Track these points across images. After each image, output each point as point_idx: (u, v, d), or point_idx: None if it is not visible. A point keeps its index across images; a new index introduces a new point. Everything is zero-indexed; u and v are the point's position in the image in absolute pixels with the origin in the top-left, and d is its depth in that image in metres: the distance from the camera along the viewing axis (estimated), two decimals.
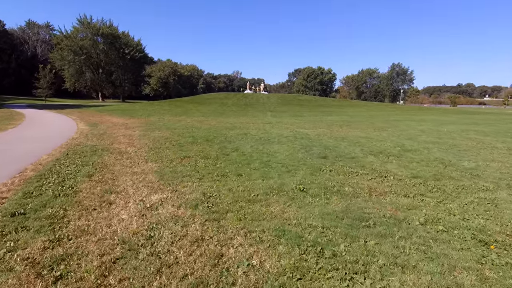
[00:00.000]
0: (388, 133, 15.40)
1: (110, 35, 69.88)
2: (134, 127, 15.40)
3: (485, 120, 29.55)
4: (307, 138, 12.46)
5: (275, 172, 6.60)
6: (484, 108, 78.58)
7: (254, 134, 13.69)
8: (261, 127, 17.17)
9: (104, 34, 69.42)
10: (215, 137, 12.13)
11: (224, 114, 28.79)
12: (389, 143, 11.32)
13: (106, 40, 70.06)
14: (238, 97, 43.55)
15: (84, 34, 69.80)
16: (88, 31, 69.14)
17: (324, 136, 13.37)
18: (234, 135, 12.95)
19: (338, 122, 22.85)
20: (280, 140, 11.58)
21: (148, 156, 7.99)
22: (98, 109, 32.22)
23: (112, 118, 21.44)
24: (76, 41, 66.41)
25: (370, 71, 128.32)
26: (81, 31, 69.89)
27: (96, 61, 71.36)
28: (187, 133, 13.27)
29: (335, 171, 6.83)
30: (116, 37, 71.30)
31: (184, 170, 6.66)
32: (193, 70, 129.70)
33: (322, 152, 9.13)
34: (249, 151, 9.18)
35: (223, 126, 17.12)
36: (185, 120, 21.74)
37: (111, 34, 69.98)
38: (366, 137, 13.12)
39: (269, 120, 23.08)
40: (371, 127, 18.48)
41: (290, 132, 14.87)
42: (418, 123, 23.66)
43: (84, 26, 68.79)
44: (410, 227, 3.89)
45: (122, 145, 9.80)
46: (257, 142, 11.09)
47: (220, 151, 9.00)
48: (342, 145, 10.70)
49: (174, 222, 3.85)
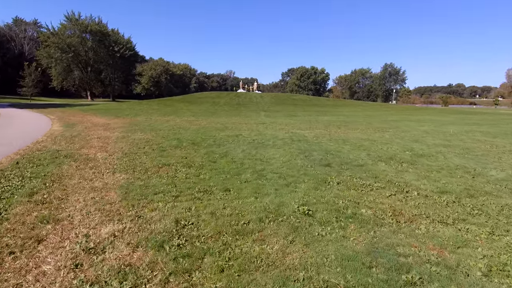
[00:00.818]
0: (390, 134, 14.26)
1: (99, 32, 67.73)
2: (115, 128, 13.98)
3: (483, 120, 28.71)
4: (305, 140, 11.22)
5: (271, 186, 5.32)
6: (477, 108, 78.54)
7: (247, 136, 12.41)
8: (255, 128, 15.90)
9: (92, 31, 67.20)
10: (203, 140, 10.82)
11: (216, 114, 27.44)
12: (396, 146, 10.13)
13: (94, 38, 67.84)
14: (231, 96, 42.21)
15: (72, 31, 67.53)
16: (76, 28, 66.85)
17: (323, 138, 12.15)
18: (225, 137, 11.65)
19: (335, 122, 21.69)
20: (276, 143, 10.31)
21: (119, 165, 6.64)
22: (83, 108, 30.57)
23: (94, 118, 19.94)
24: (63, 38, 64.18)
25: (363, 71, 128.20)
26: (68, 28, 67.61)
27: (85, 59, 69.12)
28: (172, 135, 11.92)
29: (344, 184, 5.58)
30: (105, 34, 69.15)
31: (159, 183, 5.34)
32: (186, 69, 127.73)
33: (324, 158, 7.89)
34: (241, 156, 7.89)
35: (214, 127, 15.79)
36: (173, 120, 20.34)
37: (100, 31, 67.81)
38: (369, 139, 11.94)
39: (263, 120, 21.81)
40: (371, 128, 17.34)
41: (286, 133, 13.62)
42: (417, 123, 22.62)
43: (72, 23, 66.52)
44: (472, 282, 2.64)
45: (92, 149, 8.42)
46: (250, 145, 9.81)
47: (206, 157, 7.69)
48: (345, 149, 9.47)
49: (120, 279, 2.53)
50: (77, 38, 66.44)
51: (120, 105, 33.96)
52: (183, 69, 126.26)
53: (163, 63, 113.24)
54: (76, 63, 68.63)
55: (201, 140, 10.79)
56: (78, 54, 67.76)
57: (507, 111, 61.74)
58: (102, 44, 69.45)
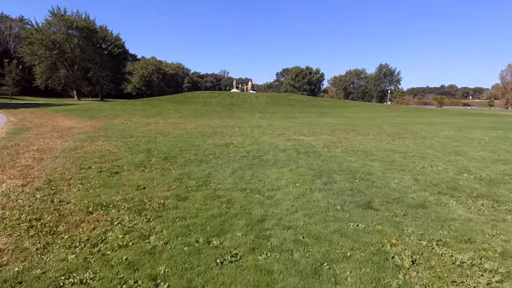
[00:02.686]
0: (413, 142, 11.78)
1: (86, 28, 64.31)
2: (75, 134, 11.23)
3: (498, 122, 26.45)
4: (315, 152, 8.63)
5: (286, 276, 2.66)
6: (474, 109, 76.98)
7: (239, 145, 9.78)
8: (249, 133, 13.28)
9: (79, 28, 63.80)
10: (181, 152, 8.16)
11: (206, 115, 24.71)
12: (441, 164, 7.55)
13: (81, 34, 64.46)
14: (224, 96, 39.45)
15: (57, 28, 64.09)
16: (61, 24, 63.41)
17: (336, 148, 9.57)
18: (211, 148, 9.01)
19: (339, 125, 19.15)
20: (277, 158, 7.69)
21: (15, 212, 3.93)
22: (59, 108, 27.59)
23: (62, 120, 17.13)
24: (48, 35, 60.75)
25: (357, 72, 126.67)
26: (54, 24, 64.15)
27: (71, 56, 65.66)
28: (144, 145, 9.24)
29: (424, 264, 2.93)
30: (93, 31, 65.78)
31: (54, 268, 2.67)
32: (178, 69, 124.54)
33: (355, 187, 5.29)
34: (228, 185, 5.27)
35: (201, 132, 13.12)
36: (156, 122, 17.64)
37: (86, 27, 64.40)
38: (395, 151, 9.40)
39: (258, 123, 19.19)
40: (384, 133, 14.84)
41: (288, 141, 11.03)
42: (430, 126, 20.19)
43: (57, 18, 63.08)
44: None
45: (6, 173, 5.70)
46: (243, 162, 7.19)
47: (176, 188, 5.05)
48: (374, 168, 6.88)
49: None
50: (62, 35, 63.07)
51: (101, 105, 31.00)
52: (176, 68, 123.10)
53: (155, 62, 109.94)
54: (61, 61, 65.19)
55: (178, 152, 8.13)
56: (63, 52, 64.30)
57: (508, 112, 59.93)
58: (89, 41, 66.10)
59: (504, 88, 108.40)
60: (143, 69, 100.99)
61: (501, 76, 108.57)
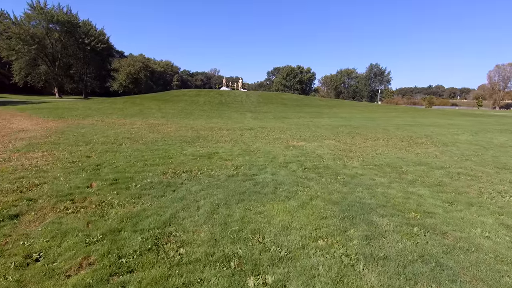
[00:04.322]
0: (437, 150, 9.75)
1: (68, 22, 60.80)
2: (17, 140, 8.76)
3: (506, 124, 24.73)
4: (326, 168, 6.40)
5: None
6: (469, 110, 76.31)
7: (227, 155, 7.49)
8: (239, 137, 11.00)
9: (60, 22, 60.30)
10: (142, 170, 5.81)
11: (193, 114, 22.27)
12: (510, 189, 5.39)
13: (62, 29, 60.93)
14: (213, 94, 36.94)
15: (37, 21, 60.44)
16: (41, 17, 59.80)
17: (351, 160, 7.37)
18: (188, 161, 6.69)
19: (340, 127, 17.03)
20: (279, 180, 5.41)
21: None
22: (26, 107, 24.68)
23: (20, 121, 14.53)
24: (26, 29, 57.14)
25: (348, 71, 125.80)
26: (33, 18, 60.47)
27: (52, 52, 62.12)
28: (96, 157, 6.85)
29: None
30: (75, 25, 62.31)
31: None
32: (167, 66, 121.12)
33: (425, 251, 3.06)
34: (201, 251, 2.95)
35: (181, 136, 10.78)
36: (132, 123, 15.19)
37: (68, 21, 60.90)
38: (427, 164, 7.26)
39: (250, 124, 16.89)
40: (394, 137, 12.76)
41: (287, 149, 8.78)
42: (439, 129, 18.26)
43: (36, 12, 59.47)
44: None
45: None
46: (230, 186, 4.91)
47: (95, 263, 2.68)
48: (427, 200, 4.67)
49: None
50: (42, 29, 59.52)
51: (76, 104, 28.14)
52: (165, 66, 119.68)
53: (143, 59, 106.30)
54: (42, 56, 61.57)
55: (139, 170, 5.77)
56: (44, 47, 60.70)
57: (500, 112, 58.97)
58: (72, 36, 62.58)
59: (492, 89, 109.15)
60: (130, 66, 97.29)
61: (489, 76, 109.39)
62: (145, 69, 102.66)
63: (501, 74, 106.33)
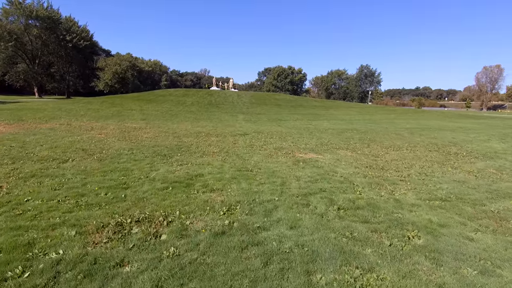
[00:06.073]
0: (487, 165, 7.64)
1: (48, 18, 57.30)
2: None
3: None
4: (374, 208, 4.36)
5: None
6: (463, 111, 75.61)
7: (214, 182, 5.15)
8: (231, 148, 8.65)
9: (40, 17, 56.72)
10: (57, 225, 3.46)
11: (178, 116, 19.75)
12: None
13: (42, 25, 57.38)
14: (201, 94, 34.38)
15: (16, 17, 56.73)
16: (19, 12, 56.14)
17: (403, 190, 5.24)
18: (152, 195, 4.39)
19: (346, 132, 14.87)
20: (308, 249, 3.21)
21: None
22: None
23: None
24: (3, 25, 53.50)
25: (339, 72, 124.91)
26: (11, 13, 56.77)
27: (31, 49, 58.48)
28: (7, 191, 4.37)
29: None
30: (56, 22, 58.78)
31: None
32: (156, 66, 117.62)
33: None
34: None
35: (157, 146, 8.37)
36: (102, 128, 12.70)
37: (49, 17, 57.40)
38: (506, 195, 5.00)
39: (243, 128, 14.55)
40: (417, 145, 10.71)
41: (297, 166, 6.50)
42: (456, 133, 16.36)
43: (14, 7, 55.82)
44: None
45: None
46: (217, 270, 2.61)
47: None
48: None
49: None
50: (20, 25, 55.88)
51: (47, 104, 25.25)
52: (153, 65, 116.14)
53: (130, 58, 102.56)
54: (20, 54, 57.91)
55: (52, 225, 3.42)
56: (22, 44, 57.11)
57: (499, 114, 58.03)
58: (53, 33, 59.02)
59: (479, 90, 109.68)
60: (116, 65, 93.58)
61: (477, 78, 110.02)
62: (132, 69, 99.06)
63: (488, 76, 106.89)
